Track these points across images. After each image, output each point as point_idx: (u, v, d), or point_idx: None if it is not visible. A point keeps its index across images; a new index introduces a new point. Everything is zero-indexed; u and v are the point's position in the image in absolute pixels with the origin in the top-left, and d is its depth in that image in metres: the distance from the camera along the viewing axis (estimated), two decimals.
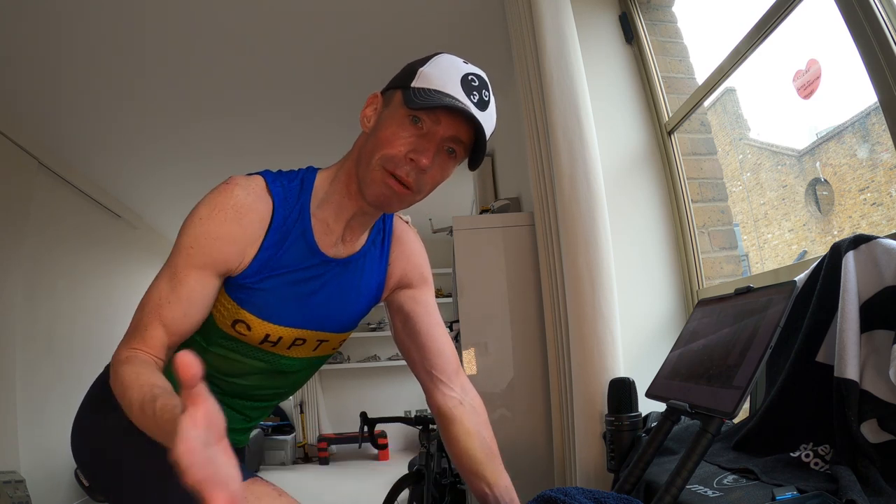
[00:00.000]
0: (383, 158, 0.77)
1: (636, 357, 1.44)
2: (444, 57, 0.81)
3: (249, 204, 0.79)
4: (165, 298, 0.76)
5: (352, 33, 2.37)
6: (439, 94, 0.76)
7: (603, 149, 1.46)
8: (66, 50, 2.35)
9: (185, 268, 0.76)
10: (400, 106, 0.78)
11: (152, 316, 0.75)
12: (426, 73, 0.78)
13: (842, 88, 1.30)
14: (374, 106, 0.85)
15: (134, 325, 0.75)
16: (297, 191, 0.83)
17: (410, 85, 0.78)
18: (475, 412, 0.97)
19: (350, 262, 0.88)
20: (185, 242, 0.77)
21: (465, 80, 0.78)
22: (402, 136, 0.77)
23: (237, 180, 0.81)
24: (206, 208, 0.78)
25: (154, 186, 4.15)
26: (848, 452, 0.71)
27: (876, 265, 0.74)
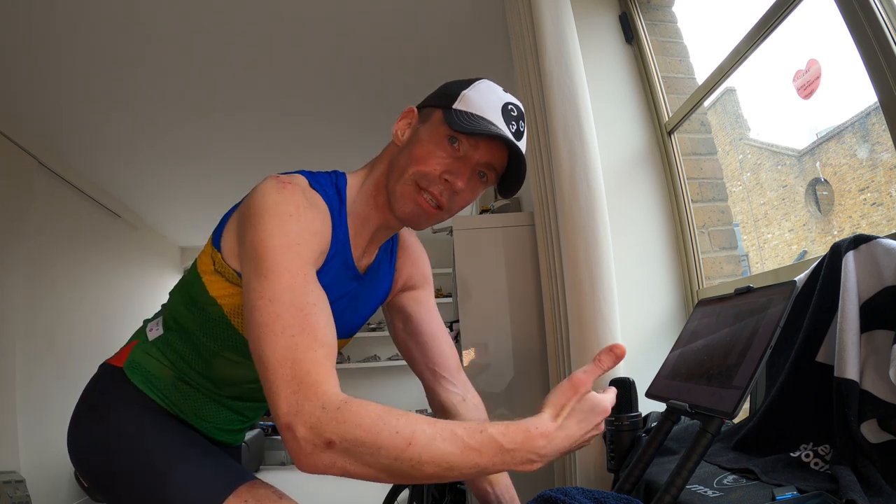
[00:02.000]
0: (417, 174, 0.77)
1: (636, 357, 1.44)
2: (486, 83, 0.81)
3: (319, 203, 0.76)
4: (305, 308, 0.62)
5: (352, 33, 2.37)
6: (482, 119, 0.76)
7: (603, 149, 1.46)
8: (66, 50, 2.34)
9: (303, 267, 0.65)
10: (439, 124, 0.77)
11: (305, 338, 0.60)
12: (468, 96, 0.78)
13: (842, 88, 1.30)
14: (408, 120, 0.83)
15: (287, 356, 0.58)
16: (336, 200, 0.81)
17: (452, 106, 0.77)
18: (477, 409, 0.98)
19: (367, 274, 0.89)
20: (285, 242, 0.66)
21: (504, 109, 0.78)
22: (439, 156, 0.76)
23: (292, 178, 0.75)
24: (290, 205, 0.69)
25: (154, 186, 4.15)
26: (848, 452, 0.71)
27: (876, 265, 0.74)
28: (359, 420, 0.54)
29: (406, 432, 0.54)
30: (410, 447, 0.54)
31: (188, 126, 3.18)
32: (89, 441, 0.84)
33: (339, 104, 3.03)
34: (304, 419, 0.54)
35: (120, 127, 3.14)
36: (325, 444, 0.54)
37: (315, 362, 0.58)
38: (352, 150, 3.50)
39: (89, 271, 3.93)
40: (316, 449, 0.54)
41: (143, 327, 0.94)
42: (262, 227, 0.67)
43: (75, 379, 1.21)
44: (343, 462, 0.54)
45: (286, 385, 0.56)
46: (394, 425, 0.55)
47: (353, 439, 0.54)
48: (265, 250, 0.65)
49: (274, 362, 0.58)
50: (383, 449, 0.54)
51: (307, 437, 0.54)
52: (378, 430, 0.54)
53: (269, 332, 0.60)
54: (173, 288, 0.92)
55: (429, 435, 0.55)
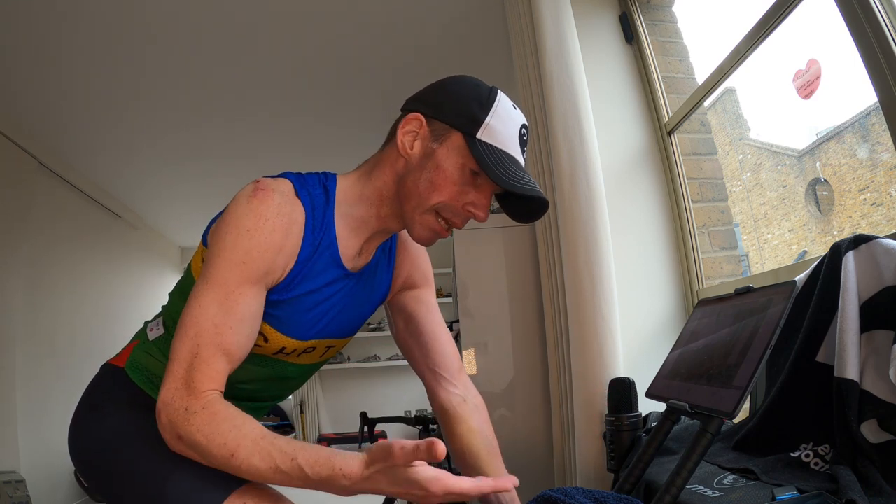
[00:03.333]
0: (441, 206, 0.78)
1: (636, 357, 1.44)
2: (502, 103, 0.79)
3: (289, 213, 0.75)
4: (223, 323, 0.68)
5: (352, 34, 2.37)
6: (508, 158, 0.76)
7: (603, 149, 1.46)
8: (66, 50, 2.34)
9: (240, 285, 0.70)
10: (462, 154, 0.77)
11: (211, 346, 0.67)
12: (492, 126, 0.76)
13: (842, 88, 1.30)
14: (417, 132, 0.80)
15: (188, 357, 0.67)
16: (322, 200, 0.80)
17: (476, 135, 0.76)
18: (478, 410, 0.97)
19: (363, 273, 0.89)
20: (234, 258, 0.70)
21: (521, 138, 0.79)
22: (462, 186, 0.77)
23: (271, 185, 0.76)
24: (250, 219, 0.72)
25: (154, 187, 4.15)
26: (848, 452, 0.71)
27: (876, 265, 0.74)
28: (201, 426, 0.64)
29: (231, 446, 0.63)
30: (233, 458, 0.63)
31: (188, 126, 3.18)
32: (90, 441, 0.84)
33: (339, 105, 3.04)
34: (168, 412, 0.65)
35: (120, 127, 3.14)
36: (177, 437, 0.65)
37: (205, 374, 0.66)
38: (352, 151, 3.47)
39: (89, 271, 3.93)
40: (171, 437, 0.65)
41: (144, 328, 0.94)
42: (221, 236, 0.72)
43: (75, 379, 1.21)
44: (191, 453, 0.65)
45: (175, 380, 0.66)
46: (224, 437, 0.63)
47: (194, 442, 0.64)
48: (215, 260, 0.71)
49: (176, 358, 0.67)
50: (213, 456, 0.64)
51: (166, 426, 0.65)
52: (211, 439, 0.63)
53: (184, 333, 0.68)
54: (172, 289, 0.93)
55: (248, 451, 0.63)
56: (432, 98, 0.81)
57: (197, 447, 0.64)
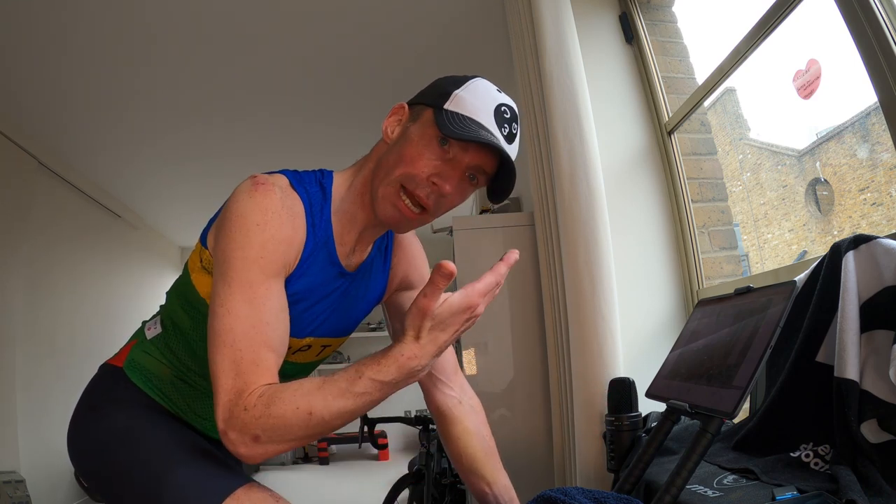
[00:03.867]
0: (404, 176, 0.75)
1: (636, 357, 1.44)
2: (480, 83, 0.79)
3: (292, 205, 0.75)
4: (260, 321, 0.67)
5: (352, 34, 2.37)
6: (473, 122, 0.74)
7: (603, 149, 1.46)
8: (67, 50, 2.35)
9: (264, 281, 0.69)
10: (429, 125, 0.76)
11: (253, 347, 0.65)
12: (461, 97, 0.76)
13: (842, 88, 1.30)
14: (398, 117, 0.81)
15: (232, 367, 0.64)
16: (319, 197, 0.80)
17: (443, 106, 0.75)
18: (474, 411, 0.97)
19: (359, 272, 0.88)
20: (250, 254, 0.69)
21: (497, 111, 0.77)
22: (427, 157, 0.75)
23: (269, 179, 0.75)
24: (257, 213, 0.71)
25: (154, 187, 4.15)
26: (848, 452, 0.71)
27: (876, 265, 0.74)
28: (266, 411, 0.62)
29: (304, 405, 0.62)
30: (312, 416, 0.62)
31: (188, 126, 3.18)
32: (89, 441, 0.84)
33: (339, 105, 3.03)
34: (233, 424, 0.62)
35: (120, 127, 3.14)
36: (253, 439, 0.62)
37: (255, 375, 0.65)
38: (351, 150, 3.48)
39: (89, 271, 3.93)
40: (248, 446, 0.63)
41: (142, 328, 0.94)
42: (230, 235, 0.70)
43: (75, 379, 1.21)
44: (272, 447, 0.63)
45: (226, 393, 0.64)
46: (294, 403, 0.62)
47: (268, 428, 0.62)
48: (231, 260, 0.69)
49: (221, 371, 0.64)
50: (294, 427, 0.62)
51: (237, 441, 0.63)
52: (281, 414, 0.62)
53: (221, 343, 0.65)
54: (170, 288, 0.93)
55: (322, 399, 0.62)
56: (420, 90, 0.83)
57: (274, 430, 0.62)
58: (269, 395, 0.63)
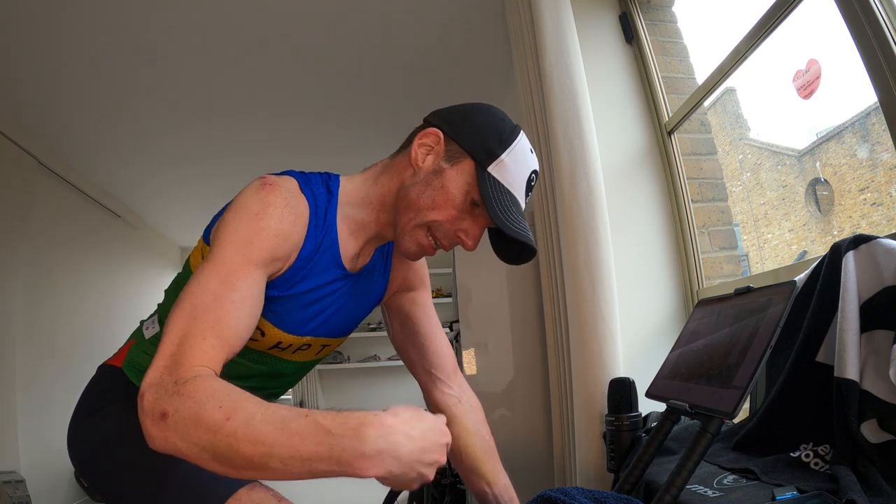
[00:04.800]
0: (435, 225, 0.79)
1: (636, 357, 1.44)
2: (521, 145, 0.80)
3: (296, 205, 0.75)
4: (224, 297, 0.63)
5: (352, 34, 2.37)
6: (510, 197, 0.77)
7: (603, 149, 1.46)
8: (66, 50, 2.34)
9: (244, 265, 0.67)
10: (469, 180, 0.77)
11: (208, 320, 0.61)
12: (505, 164, 0.77)
13: (842, 88, 1.30)
14: (432, 147, 0.80)
15: (180, 333, 0.60)
16: (325, 200, 0.81)
17: (487, 168, 0.77)
18: (473, 411, 0.97)
19: (361, 274, 0.89)
20: (239, 238, 0.68)
21: (528, 182, 0.80)
22: (460, 212, 0.78)
23: (277, 181, 0.76)
24: (256, 205, 0.71)
25: (154, 187, 4.15)
26: (848, 452, 0.71)
27: (876, 265, 0.74)
28: (193, 394, 0.54)
29: (229, 407, 0.53)
30: (229, 422, 0.52)
31: (189, 126, 3.18)
32: (89, 441, 0.84)
33: (339, 105, 3.03)
34: (155, 391, 0.55)
35: (120, 127, 3.14)
36: (161, 415, 0.54)
37: (200, 349, 0.59)
38: (352, 151, 3.49)
39: (90, 271, 3.93)
40: (155, 419, 0.54)
41: (140, 327, 0.94)
42: (226, 222, 0.70)
43: (75, 379, 1.21)
44: (174, 438, 0.53)
45: (164, 359, 0.59)
46: (220, 400, 0.53)
47: (182, 413, 0.53)
48: (220, 243, 0.68)
49: (167, 335, 0.61)
50: (203, 422, 0.52)
51: (148, 408, 0.55)
52: (204, 402, 0.53)
53: (179, 308, 0.62)
54: (168, 286, 0.92)
55: (250, 412, 0.53)
56: (457, 120, 0.81)
57: (185, 417, 0.53)
58: (205, 379, 0.56)
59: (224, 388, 0.56)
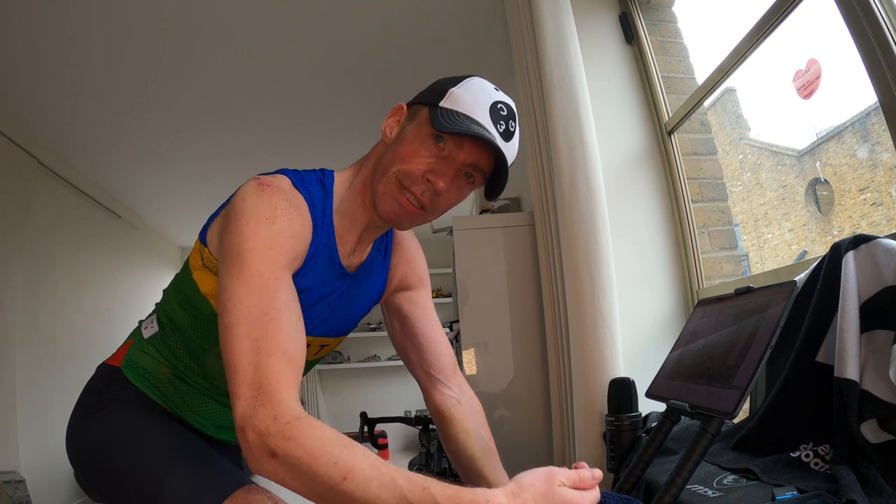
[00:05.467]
0: (400, 173, 0.76)
1: (636, 357, 1.44)
2: (477, 81, 0.79)
3: (298, 204, 0.75)
4: (272, 308, 0.63)
5: (351, 35, 2.37)
6: (467, 118, 0.74)
7: (603, 149, 1.46)
8: (67, 51, 2.34)
9: (275, 271, 0.66)
10: (425, 123, 0.76)
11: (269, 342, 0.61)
12: (456, 94, 0.76)
13: (842, 88, 1.30)
14: (397, 117, 0.82)
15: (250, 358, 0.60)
16: (321, 198, 0.80)
17: (439, 104, 0.76)
18: (473, 412, 0.97)
19: (358, 273, 0.88)
20: (260, 246, 0.67)
21: (493, 108, 0.76)
22: (423, 155, 0.75)
23: (273, 181, 0.75)
24: (265, 208, 0.70)
25: (155, 187, 4.15)
26: (848, 452, 0.71)
27: (876, 265, 0.74)
28: (303, 441, 0.55)
29: (345, 466, 0.54)
30: (345, 482, 0.53)
31: (189, 127, 3.18)
32: (88, 442, 0.84)
33: (339, 106, 3.04)
34: (254, 425, 0.56)
35: (121, 127, 3.14)
36: (270, 453, 0.55)
37: (275, 370, 0.59)
38: (352, 151, 3.48)
39: (90, 271, 3.93)
40: (262, 455, 0.56)
41: (139, 327, 0.94)
42: (238, 229, 0.68)
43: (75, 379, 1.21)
44: (284, 475, 0.56)
45: (247, 388, 0.58)
46: (335, 456, 0.54)
47: (294, 458, 0.54)
48: (240, 253, 0.66)
49: (237, 364, 0.60)
50: (318, 476, 0.54)
51: (255, 442, 0.56)
52: (318, 455, 0.54)
53: (235, 335, 0.61)
54: (167, 286, 0.92)
55: (367, 476, 0.54)
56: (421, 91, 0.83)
57: (298, 465, 0.54)
58: (312, 425, 0.56)
59: (333, 439, 0.56)
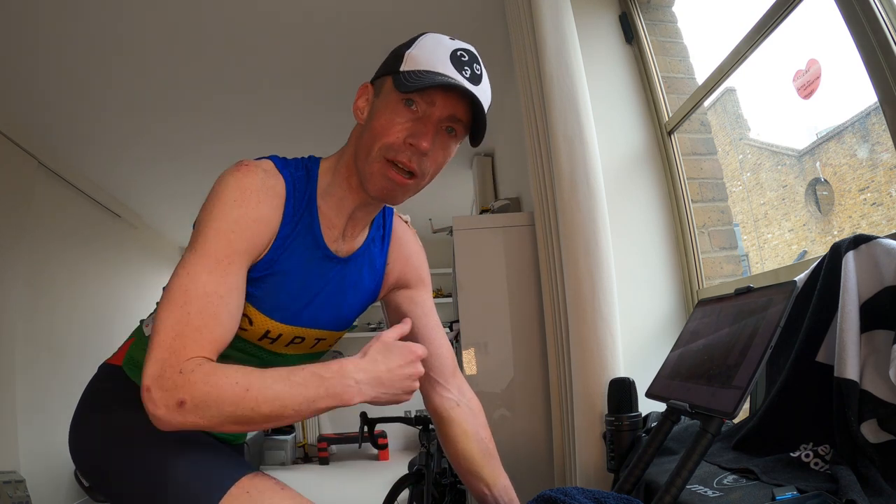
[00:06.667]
0: (383, 148, 0.76)
1: (636, 357, 1.44)
2: (429, 36, 0.79)
3: (273, 185, 0.77)
4: (215, 292, 0.67)
5: (348, 32, 2.37)
6: (430, 73, 0.74)
7: (603, 149, 1.46)
8: (66, 50, 2.35)
9: (229, 255, 0.70)
10: (391, 91, 0.76)
11: (203, 314, 0.66)
12: (413, 55, 0.76)
13: (842, 88, 1.30)
14: (365, 97, 0.82)
15: (176, 325, 0.64)
16: (304, 180, 0.81)
17: (399, 69, 0.76)
18: (472, 413, 0.97)
19: (351, 260, 0.87)
20: (222, 227, 0.70)
21: (454, 57, 0.76)
22: (398, 122, 0.75)
23: (253, 163, 0.77)
24: (234, 191, 0.73)
25: (153, 185, 4.15)
26: (848, 452, 0.71)
27: (876, 265, 0.74)
28: (205, 378, 0.62)
29: (244, 380, 0.63)
30: (248, 392, 0.63)
31: (188, 126, 3.18)
32: (90, 440, 0.84)
33: (339, 105, 3.03)
34: (162, 383, 0.62)
35: (119, 127, 3.14)
36: (178, 404, 0.61)
37: (196, 342, 0.65)
38: None
39: (89, 271, 3.93)
40: (170, 410, 0.61)
41: (140, 326, 0.94)
42: (208, 207, 0.73)
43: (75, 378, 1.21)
44: (193, 418, 0.62)
45: (162, 350, 0.63)
46: (234, 377, 0.63)
47: (200, 396, 0.61)
48: (203, 231, 0.71)
49: (163, 327, 0.65)
50: (226, 400, 0.62)
51: (162, 399, 0.61)
52: (219, 384, 0.62)
53: (172, 301, 0.66)
54: (166, 285, 0.92)
55: (262, 380, 0.64)
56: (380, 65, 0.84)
57: (205, 400, 0.61)
58: (211, 366, 0.64)
59: (230, 367, 0.65)
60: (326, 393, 0.66)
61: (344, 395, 0.67)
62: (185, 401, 0.61)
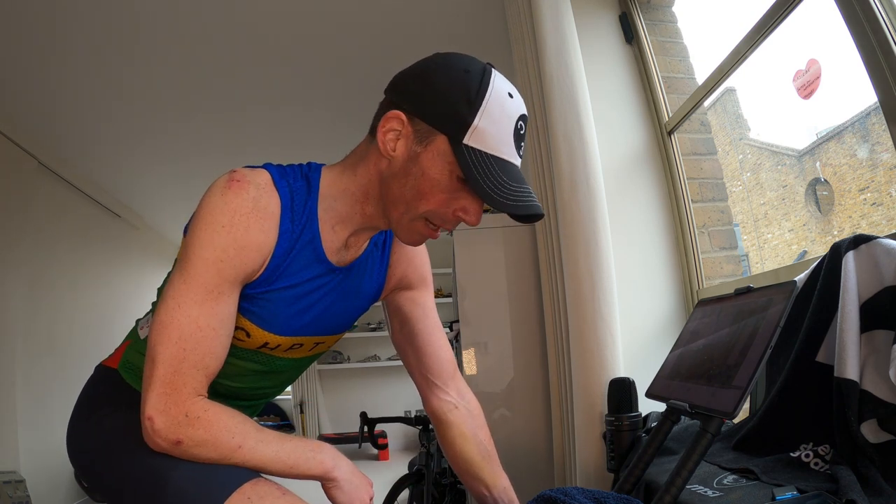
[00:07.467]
0: (430, 214, 0.73)
1: (636, 357, 1.44)
2: (493, 97, 0.70)
3: (265, 206, 0.73)
4: (207, 325, 0.69)
5: (350, 33, 2.37)
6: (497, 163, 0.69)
7: (603, 149, 1.46)
8: (66, 50, 2.35)
9: (218, 285, 0.70)
10: (447, 160, 0.70)
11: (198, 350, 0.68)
12: (481, 129, 0.68)
13: (842, 88, 1.30)
14: (399, 131, 0.73)
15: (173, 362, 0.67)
16: (304, 192, 0.78)
17: (462, 141, 0.69)
18: (471, 415, 0.96)
19: (352, 268, 0.86)
20: (210, 256, 0.69)
21: (517, 133, 0.71)
22: (450, 194, 0.72)
23: (247, 176, 0.74)
24: (224, 215, 0.70)
25: (153, 185, 4.15)
26: (848, 452, 0.71)
27: (876, 265, 0.74)
28: (208, 427, 0.67)
29: (240, 437, 0.69)
30: (240, 450, 0.69)
31: (189, 126, 3.18)
32: (87, 442, 0.83)
33: (338, 103, 3.03)
34: (165, 419, 0.66)
35: (120, 127, 3.14)
36: (175, 442, 0.67)
37: (194, 379, 0.68)
38: (349, 149, 3.49)
39: (89, 271, 3.93)
40: (168, 443, 0.67)
41: (135, 327, 0.94)
42: (195, 232, 0.71)
43: (75, 378, 1.21)
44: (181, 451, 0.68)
45: (162, 385, 0.67)
46: (231, 431, 0.69)
47: (199, 440, 0.67)
48: (191, 258, 0.70)
49: (160, 361, 0.67)
50: (219, 448, 0.68)
51: (162, 432, 0.66)
52: (218, 434, 0.68)
53: (166, 335, 0.68)
54: (161, 285, 0.92)
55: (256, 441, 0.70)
56: (416, 89, 0.74)
57: (200, 444, 0.67)
58: (214, 412, 0.68)
59: (230, 417, 0.70)
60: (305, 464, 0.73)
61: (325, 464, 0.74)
62: (183, 441, 0.66)
